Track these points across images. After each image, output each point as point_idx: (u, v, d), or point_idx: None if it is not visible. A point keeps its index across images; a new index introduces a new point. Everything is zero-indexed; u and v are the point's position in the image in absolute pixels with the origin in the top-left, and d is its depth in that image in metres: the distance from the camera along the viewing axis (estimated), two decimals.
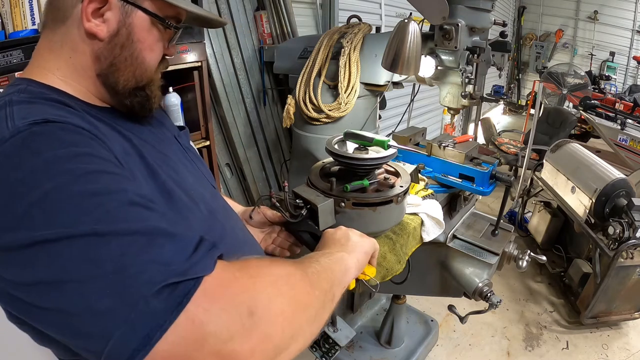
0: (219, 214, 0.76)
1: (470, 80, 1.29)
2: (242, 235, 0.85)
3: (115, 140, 0.57)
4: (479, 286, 1.22)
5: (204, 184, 0.79)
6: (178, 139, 0.81)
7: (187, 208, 0.64)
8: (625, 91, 5.77)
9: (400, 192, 1.00)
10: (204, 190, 0.75)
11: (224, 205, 0.83)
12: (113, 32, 0.61)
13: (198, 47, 1.46)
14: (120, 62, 0.63)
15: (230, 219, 0.83)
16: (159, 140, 0.72)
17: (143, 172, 0.59)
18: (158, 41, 0.67)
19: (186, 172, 0.73)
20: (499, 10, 6.40)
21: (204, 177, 0.81)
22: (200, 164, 0.84)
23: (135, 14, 0.62)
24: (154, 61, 0.68)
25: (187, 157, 0.79)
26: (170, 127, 0.83)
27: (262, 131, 2.40)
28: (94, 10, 0.59)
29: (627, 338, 2.29)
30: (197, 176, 0.78)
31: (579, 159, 2.48)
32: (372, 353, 2.03)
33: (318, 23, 2.68)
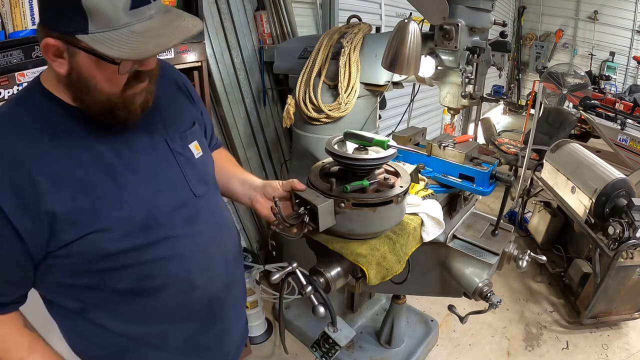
0: (170, 225, 0.78)
1: (470, 80, 1.29)
2: (213, 248, 0.87)
3: (48, 168, 0.66)
4: (479, 286, 1.22)
5: (177, 192, 0.81)
6: (169, 143, 0.82)
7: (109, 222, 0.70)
8: (625, 91, 5.77)
9: (400, 192, 1.00)
10: (168, 200, 0.79)
11: (198, 213, 0.84)
12: (68, 71, 0.65)
13: (198, 47, 1.46)
14: (81, 94, 0.68)
15: (198, 227, 0.83)
16: (131, 147, 0.76)
17: (70, 191, 0.68)
18: (110, 73, 0.66)
19: (143, 184, 0.76)
20: (499, 10, 6.40)
21: (184, 186, 0.82)
22: (190, 170, 0.84)
23: (79, 54, 0.63)
24: (115, 88, 0.69)
25: (170, 163, 0.81)
26: (171, 127, 0.84)
27: (262, 131, 2.40)
28: (54, 52, 0.63)
29: (627, 338, 2.29)
30: (167, 185, 0.80)
31: (579, 159, 2.48)
32: (372, 353, 2.03)
33: (318, 23, 2.68)
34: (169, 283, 0.80)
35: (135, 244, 0.74)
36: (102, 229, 0.70)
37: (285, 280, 0.99)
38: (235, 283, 0.98)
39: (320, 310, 0.91)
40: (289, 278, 0.98)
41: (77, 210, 0.68)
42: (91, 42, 0.60)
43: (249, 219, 2.52)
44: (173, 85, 0.91)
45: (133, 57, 0.62)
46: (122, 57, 0.61)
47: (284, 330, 2.21)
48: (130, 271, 0.75)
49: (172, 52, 1.39)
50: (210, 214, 0.88)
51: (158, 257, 0.78)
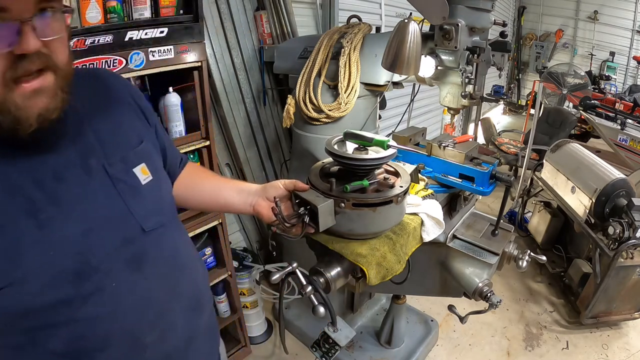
0: (109, 270, 0.65)
1: (470, 80, 1.29)
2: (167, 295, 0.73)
3: None
4: (479, 286, 1.22)
5: (118, 229, 0.67)
6: (108, 168, 0.68)
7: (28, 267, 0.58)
8: (625, 91, 5.77)
9: (400, 192, 1.00)
10: (106, 239, 0.65)
11: (146, 253, 0.71)
12: None
13: (198, 47, 1.46)
14: None
15: (146, 272, 0.70)
16: (58, 177, 0.62)
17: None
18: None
19: (73, 221, 0.63)
20: (499, 10, 6.40)
21: (128, 219, 0.69)
22: (134, 200, 0.70)
23: None
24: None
25: (108, 194, 0.67)
26: (110, 149, 0.69)
27: (262, 131, 2.40)
28: None
29: (627, 338, 2.29)
30: (105, 220, 0.66)
31: (579, 159, 2.48)
32: (372, 353, 2.03)
33: (318, 23, 2.68)
34: (110, 343, 0.66)
35: (65, 296, 0.61)
36: (21, 279, 0.57)
37: (285, 280, 0.98)
38: (200, 335, 0.83)
39: (320, 310, 0.91)
40: (289, 278, 0.98)
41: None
42: None
43: (249, 219, 2.52)
44: (116, 97, 0.77)
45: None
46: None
47: (284, 330, 2.21)
48: (63, 330, 0.62)
49: (172, 52, 1.39)
50: (164, 252, 0.75)
51: (95, 312, 0.64)
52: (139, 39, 1.29)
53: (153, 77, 1.48)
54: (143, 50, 1.31)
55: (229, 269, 1.86)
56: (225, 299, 1.95)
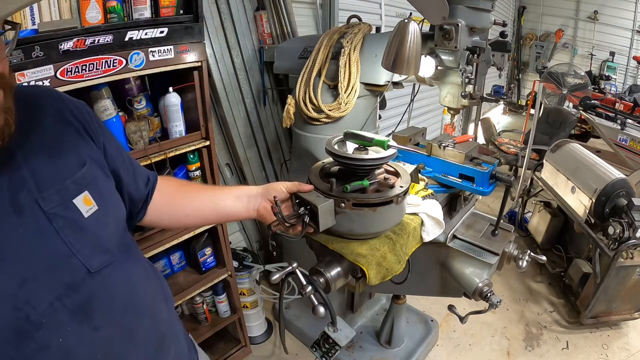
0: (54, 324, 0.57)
1: (470, 80, 1.29)
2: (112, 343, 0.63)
3: None
4: (479, 286, 1.22)
5: (59, 274, 0.59)
6: (41, 203, 0.58)
7: None
8: (625, 91, 5.77)
9: (400, 192, 1.00)
10: (46, 288, 0.57)
11: (95, 298, 0.62)
12: None
13: (198, 47, 1.46)
14: None
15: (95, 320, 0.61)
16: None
17: None
18: None
19: (7, 270, 0.54)
20: (499, 10, 6.40)
21: (70, 261, 0.60)
22: (75, 236, 0.61)
23: None
24: None
25: (42, 233, 0.58)
26: (40, 182, 0.59)
27: (262, 131, 2.40)
28: None
29: (627, 338, 2.29)
30: (43, 266, 0.57)
31: (579, 159, 2.48)
32: (372, 353, 2.03)
33: (318, 23, 2.68)
34: None
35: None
36: None
37: (285, 280, 0.98)
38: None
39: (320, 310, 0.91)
40: (289, 278, 0.97)
41: None
42: None
43: (249, 219, 2.52)
44: (50, 118, 0.65)
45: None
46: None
47: (284, 330, 2.22)
48: None
49: (172, 52, 1.39)
50: (115, 295, 0.65)
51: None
52: (139, 39, 1.30)
53: (153, 77, 1.48)
54: (143, 50, 1.31)
55: (229, 269, 1.86)
56: (225, 299, 1.95)
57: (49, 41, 1.13)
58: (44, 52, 1.13)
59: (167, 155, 1.47)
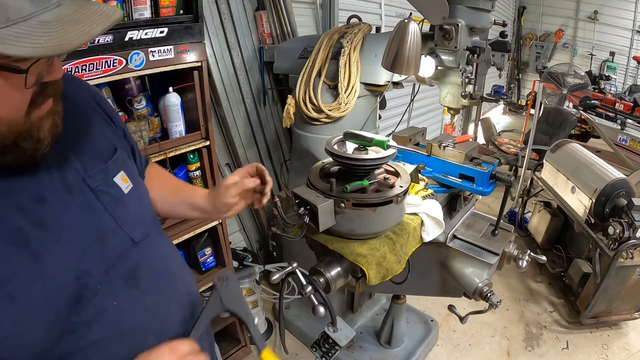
0: (108, 290, 0.63)
1: (470, 80, 1.29)
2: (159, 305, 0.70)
3: None
4: (479, 286, 1.22)
5: (109, 244, 0.65)
6: (89, 181, 0.65)
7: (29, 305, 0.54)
8: (625, 91, 5.77)
9: (400, 192, 1.00)
10: (99, 257, 0.63)
11: (140, 266, 0.68)
12: None
13: (198, 47, 1.46)
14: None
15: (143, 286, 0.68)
16: (40, 199, 0.59)
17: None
18: (10, 89, 0.50)
19: (66, 244, 0.60)
20: (499, 10, 6.40)
21: (116, 232, 0.66)
22: (120, 210, 0.68)
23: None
24: (15, 112, 0.52)
25: (91, 208, 0.64)
26: (86, 163, 0.66)
27: (262, 131, 2.40)
28: None
29: (627, 338, 2.29)
30: (95, 238, 0.63)
31: (579, 159, 2.48)
32: (372, 353, 2.03)
33: (318, 23, 2.68)
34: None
35: (70, 326, 0.58)
36: (24, 316, 0.53)
37: (285, 280, 0.99)
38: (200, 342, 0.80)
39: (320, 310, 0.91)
40: (289, 278, 0.98)
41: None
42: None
43: (249, 219, 2.52)
44: (83, 105, 0.72)
45: (55, 51, 0.45)
46: (40, 54, 0.45)
47: (284, 330, 2.22)
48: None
49: (172, 52, 1.39)
50: (154, 262, 0.73)
51: (100, 335, 0.61)
52: (139, 39, 1.30)
53: (153, 77, 1.48)
54: (143, 50, 1.31)
55: (229, 269, 1.86)
56: None
57: None
58: None
59: (167, 155, 1.47)
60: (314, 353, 1.35)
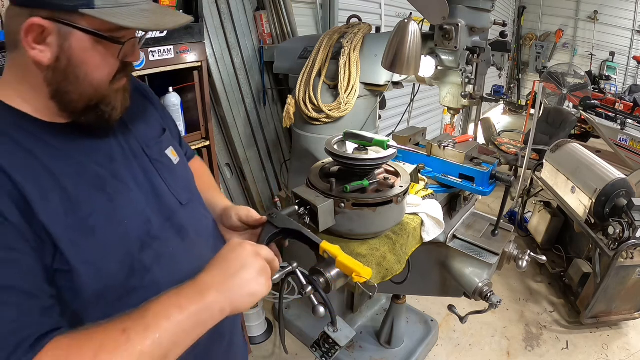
0: (165, 239, 0.71)
1: (470, 80, 1.29)
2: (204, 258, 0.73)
3: (34, 181, 0.57)
4: (479, 286, 1.22)
5: (163, 202, 0.75)
6: (146, 150, 0.77)
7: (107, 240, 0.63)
8: (625, 91, 5.77)
9: (400, 192, 1.00)
10: (157, 211, 0.72)
11: (187, 224, 0.77)
12: (54, 58, 0.59)
13: (198, 47, 1.46)
14: (66, 87, 0.62)
15: (191, 240, 0.77)
16: (111, 157, 0.70)
17: (61, 207, 0.59)
18: (107, 57, 0.63)
19: (133, 195, 0.70)
20: (499, 10, 6.40)
21: (168, 194, 0.77)
22: (170, 177, 0.78)
23: (74, 35, 0.58)
24: (105, 77, 0.64)
25: (150, 171, 0.75)
26: (143, 135, 0.78)
27: (262, 131, 2.40)
28: (35, 37, 0.57)
29: (627, 338, 2.29)
30: (153, 195, 0.74)
31: (579, 159, 2.48)
32: (372, 353, 2.03)
33: (318, 23, 2.68)
34: None
35: (136, 265, 0.66)
36: (103, 249, 0.62)
37: (285, 280, 0.98)
38: None
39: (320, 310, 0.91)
40: (289, 278, 0.98)
41: (72, 228, 0.59)
42: (101, 15, 0.56)
43: None
44: (137, 92, 0.84)
45: (152, 27, 0.62)
46: (141, 27, 0.60)
47: (284, 330, 2.22)
48: (132, 300, 0.63)
49: (172, 52, 1.39)
50: (198, 224, 0.82)
51: (157, 279, 0.68)
52: None
53: (153, 77, 1.48)
54: (143, 50, 1.31)
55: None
56: None
57: None
58: None
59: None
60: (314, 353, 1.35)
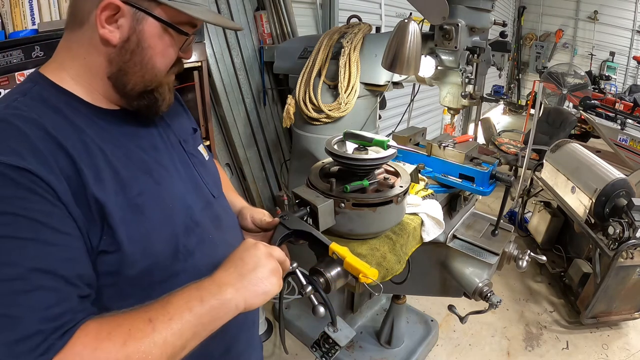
0: (205, 226, 0.75)
1: (470, 80, 1.29)
2: (224, 249, 0.76)
3: (88, 158, 0.59)
4: (479, 286, 1.22)
5: (200, 193, 0.78)
6: (183, 144, 0.80)
7: (155, 220, 0.65)
8: (625, 91, 5.77)
9: (400, 192, 1.00)
10: (196, 200, 0.75)
11: (220, 215, 0.81)
12: (124, 38, 0.63)
13: (198, 47, 1.46)
14: (129, 67, 0.65)
15: (223, 231, 0.80)
16: (154, 146, 0.73)
17: (113, 186, 0.61)
18: (170, 46, 0.67)
19: (176, 181, 0.73)
20: (499, 10, 6.40)
21: (203, 186, 0.79)
22: (204, 171, 0.82)
23: (147, 21, 0.63)
24: (164, 66, 0.69)
25: (187, 164, 0.78)
26: (179, 131, 0.82)
27: (262, 131, 2.40)
28: (108, 17, 0.61)
29: (627, 338, 2.29)
30: (192, 185, 0.76)
31: (579, 159, 2.48)
32: (372, 353, 2.03)
33: (318, 23, 2.68)
34: None
35: (181, 248, 0.68)
36: (151, 229, 0.64)
37: (285, 280, 0.98)
38: None
39: (320, 310, 0.91)
40: (289, 278, 0.98)
41: (123, 207, 0.61)
42: (176, 6, 0.62)
43: None
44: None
45: (219, 23, 0.70)
46: (210, 20, 0.67)
47: (284, 330, 2.21)
48: (173, 283, 0.63)
49: None
50: (228, 217, 0.86)
51: (198, 263, 0.71)
52: None
53: None
54: None
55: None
56: None
57: (49, 41, 1.13)
58: (44, 51, 1.13)
59: None
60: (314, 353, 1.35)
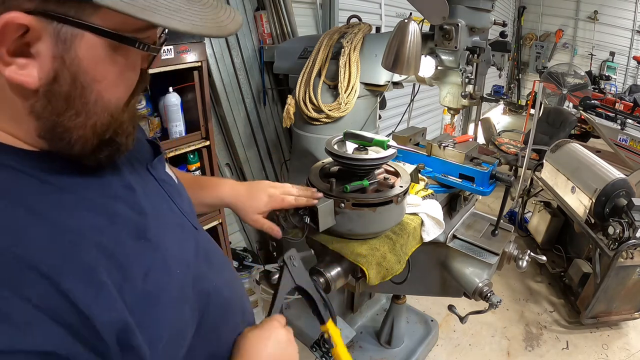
0: (204, 274, 0.61)
1: (470, 80, 1.29)
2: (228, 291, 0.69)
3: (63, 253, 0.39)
4: (479, 286, 1.22)
5: (187, 233, 0.62)
6: (152, 171, 0.61)
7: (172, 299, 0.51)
8: (625, 91, 5.77)
9: (400, 192, 1.00)
10: (186, 245, 0.59)
11: (207, 249, 0.67)
12: (49, 77, 0.39)
13: (198, 47, 1.46)
14: (68, 121, 0.42)
15: (215, 268, 0.67)
16: (128, 186, 0.53)
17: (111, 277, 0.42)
18: (127, 69, 0.45)
19: (166, 230, 0.55)
20: (499, 10, 6.40)
21: (186, 221, 0.63)
22: (180, 200, 0.65)
23: (81, 39, 0.39)
24: (122, 98, 0.47)
25: (164, 197, 0.60)
26: (140, 152, 0.63)
27: (262, 131, 2.40)
28: (13, 46, 0.37)
29: (627, 338, 2.29)
30: (177, 224, 0.60)
31: (579, 159, 2.48)
32: (372, 353, 2.03)
33: (318, 23, 2.68)
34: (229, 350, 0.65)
35: (197, 313, 0.57)
36: (164, 310, 0.49)
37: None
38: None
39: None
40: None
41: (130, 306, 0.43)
42: (126, 8, 0.35)
43: None
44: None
45: (214, 32, 0.42)
46: (201, 32, 0.40)
47: None
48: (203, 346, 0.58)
49: (172, 52, 1.39)
50: (211, 247, 0.72)
51: (216, 321, 0.62)
52: None
53: (153, 77, 1.47)
54: None
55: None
56: None
57: None
58: None
59: (167, 155, 1.47)
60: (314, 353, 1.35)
